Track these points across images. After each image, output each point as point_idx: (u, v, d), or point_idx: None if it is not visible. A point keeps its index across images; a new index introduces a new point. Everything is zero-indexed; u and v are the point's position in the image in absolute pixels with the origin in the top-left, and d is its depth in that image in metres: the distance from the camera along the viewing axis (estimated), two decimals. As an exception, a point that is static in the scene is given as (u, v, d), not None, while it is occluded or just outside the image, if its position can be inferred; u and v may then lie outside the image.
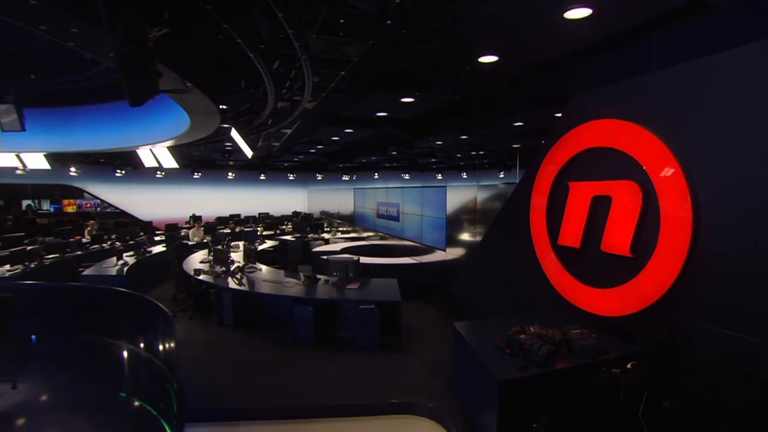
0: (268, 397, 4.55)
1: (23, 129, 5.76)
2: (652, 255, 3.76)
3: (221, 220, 16.49)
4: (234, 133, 5.61)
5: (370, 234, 13.30)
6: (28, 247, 8.95)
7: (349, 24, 3.93)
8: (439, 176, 24.56)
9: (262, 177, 21.39)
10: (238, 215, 18.11)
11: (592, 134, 4.47)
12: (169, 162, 7.56)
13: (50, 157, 8.27)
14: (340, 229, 15.56)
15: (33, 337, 5.81)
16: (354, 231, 14.94)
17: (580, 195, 4.57)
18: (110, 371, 5.31)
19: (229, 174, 20.04)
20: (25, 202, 18.78)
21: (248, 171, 21.52)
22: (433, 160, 19.51)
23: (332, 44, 4.48)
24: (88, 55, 3.94)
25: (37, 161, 8.06)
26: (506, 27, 4.54)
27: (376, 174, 23.52)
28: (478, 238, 7.32)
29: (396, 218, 11.48)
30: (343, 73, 5.17)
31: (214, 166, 19.94)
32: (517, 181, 6.00)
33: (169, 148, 7.40)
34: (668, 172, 3.65)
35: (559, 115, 5.36)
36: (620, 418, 3.36)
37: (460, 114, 8.34)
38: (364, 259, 7.67)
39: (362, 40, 4.40)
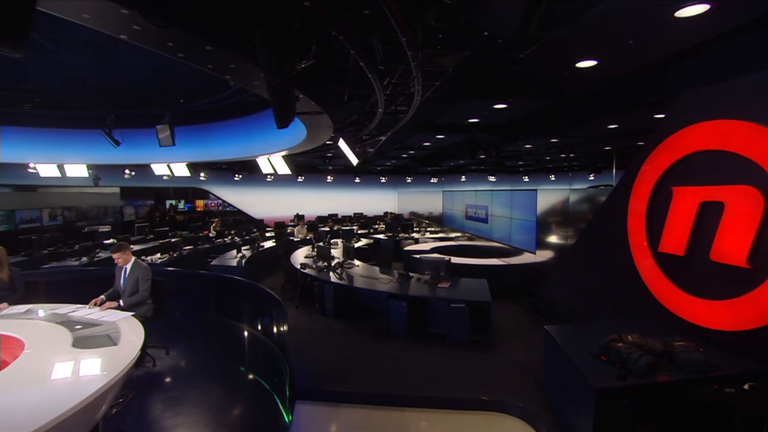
0: (366, 383, 4.68)
1: (174, 144, 6.69)
2: (777, 266, 3.29)
3: (321, 219, 17.30)
4: (341, 143, 5.89)
5: (458, 234, 13.17)
6: (172, 240, 10.21)
7: (447, 38, 3.95)
8: (526, 178, 23.48)
9: (357, 180, 22.11)
10: (336, 215, 18.85)
11: (700, 136, 4.02)
12: (283, 168, 8.14)
13: (190, 165, 9.41)
14: (429, 229, 15.56)
15: (177, 313, 6.66)
16: (442, 231, 14.85)
17: (686, 200, 4.13)
18: (233, 348, 5.88)
19: (328, 177, 20.99)
20: (168, 202, 21.42)
21: (345, 174, 22.38)
22: (521, 162, 18.72)
23: (430, 57, 4.51)
24: (232, 82, 4.42)
25: (182, 169, 9.23)
26: (610, 32, 4.22)
27: (463, 177, 23.16)
28: (570, 242, 6.93)
29: (485, 220, 11.25)
30: (438, 83, 5.18)
31: (315, 170, 21.03)
32: (610, 184, 5.57)
33: (283, 156, 8.00)
34: (796, 176, 3.16)
35: (660, 116, 4.87)
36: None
37: (552, 118, 7.91)
38: (453, 259, 7.61)
39: (458, 51, 4.39)
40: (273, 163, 7.98)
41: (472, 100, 6.64)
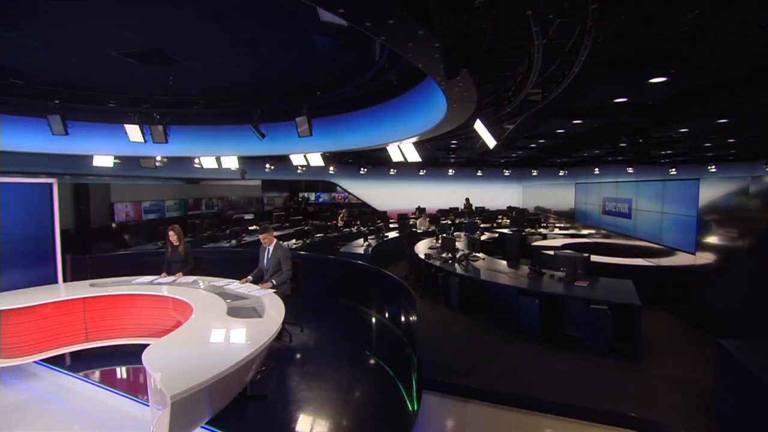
0: (493, 381, 4.42)
1: (311, 134, 7.18)
2: None
3: (442, 212, 17.24)
4: (478, 124, 5.64)
5: (592, 231, 12.03)
6: (305, 228, 11.11)
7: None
8: (673, 170, 20.26)
9: (479, 173, 21.49)
10: (457, 208, 18.62)
11: None
12: (413, 156, 8.08)
13: (324, 156, 10.02)
14: (557, 224, 14.44)
15: (310, 295, 7.07)
16: (573, 228, 13.73)
17: None
18: (361, 332, 6.05)
19: (450, 170, 20.77)
20: (301, 194, 23.50)
21: (466, 167, 21.91)
22: (669, 151, 16.13)
23: (573, 27, 3.98)
24: (380, 50, 4.41)
25: (316, 159, 9.90)
26: None
27: (596, 169, 20.90)
28: (746, 242, 5.70)
29: (627, 215, 9.99)
30: (583, 58, 4.58)
31: (437, 163, 20.93)
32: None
33: (413, 143, 7.99)
34: None
35: None
36: None
37: (725, 92, 6.50)
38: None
39: (610, 16, 3.81)
40: (403, 150, 8.02)
41: (622, 75, 5.74)
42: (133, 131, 7.74)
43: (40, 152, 8.95)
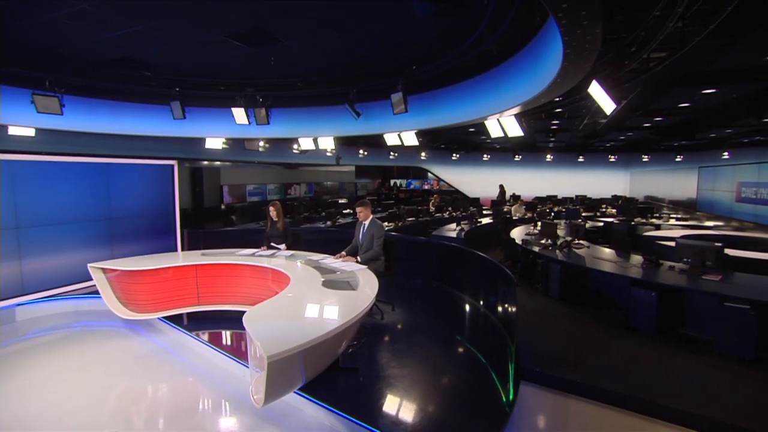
0: (600, 378, 3.92)
1: (407, 110, 7.05)
2: None
3: (539, 200, 16.30)
4: (594, 86, 4.97)
5: (719, 222, 10.45)
6: (397, 212, 11.27)
7: None
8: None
9: (580, 159, 19.83)
10: (555, 196, 17.46)
11: None
12: (515, 129, 7.41)
13: (417, 134, 9.76)
14: (672, 215, 12.77)
15: (403, 275, 7.00)
16: (693, 219, 12.07)
17: None
18: (453, 315, 5.82)
19: (548, 156, 19.42)
20: (392, 181, 23.80)
21: (566, 153, 20.36)
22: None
23: None
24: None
25: (410, 138, 9.60)
26: None
27: (725, 153, 17.98)
28: None
29: (772, 202, 8.43)
30: (729, 8, 3.76)
31: (534, 148, 19.72)
32: None
33: (515, 115, 7.42)
34: None
35: None
36: None
37: None
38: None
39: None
40: (503, 124, 7.46)
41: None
42: (239, 114, 8.32)
43: (161, 136, 10.09)
